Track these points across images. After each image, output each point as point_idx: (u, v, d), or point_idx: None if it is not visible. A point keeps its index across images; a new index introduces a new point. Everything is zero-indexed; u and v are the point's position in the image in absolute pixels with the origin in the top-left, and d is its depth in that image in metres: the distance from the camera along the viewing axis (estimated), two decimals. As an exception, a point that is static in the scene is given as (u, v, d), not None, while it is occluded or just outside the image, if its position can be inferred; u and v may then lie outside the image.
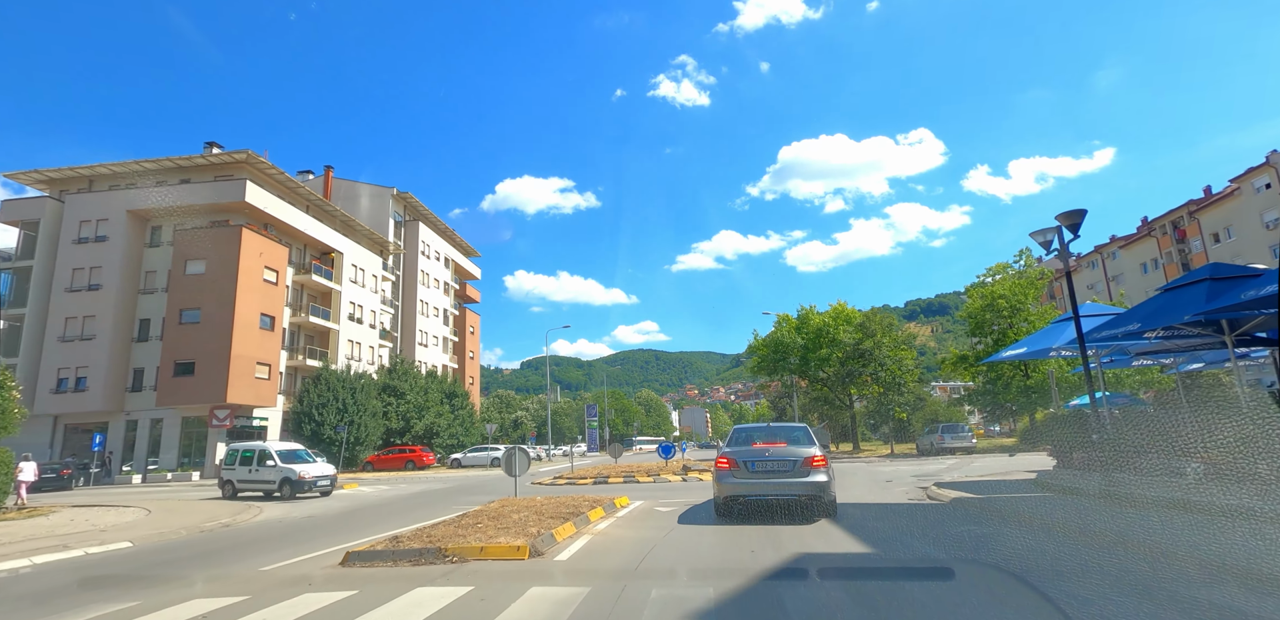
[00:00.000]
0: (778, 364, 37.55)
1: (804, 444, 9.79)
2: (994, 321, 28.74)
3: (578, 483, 18.84)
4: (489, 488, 20.58)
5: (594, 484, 18.50)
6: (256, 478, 18.55)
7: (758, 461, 9.42)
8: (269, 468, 18.36)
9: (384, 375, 40.40)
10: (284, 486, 18.09)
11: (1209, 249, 56.89)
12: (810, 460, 9.31)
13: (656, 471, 19.64)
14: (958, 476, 16.16)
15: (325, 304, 43.25)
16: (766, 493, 9.50)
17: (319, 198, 43.72)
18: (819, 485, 9.19)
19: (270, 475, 18.27)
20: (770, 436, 10.30)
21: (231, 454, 19.42)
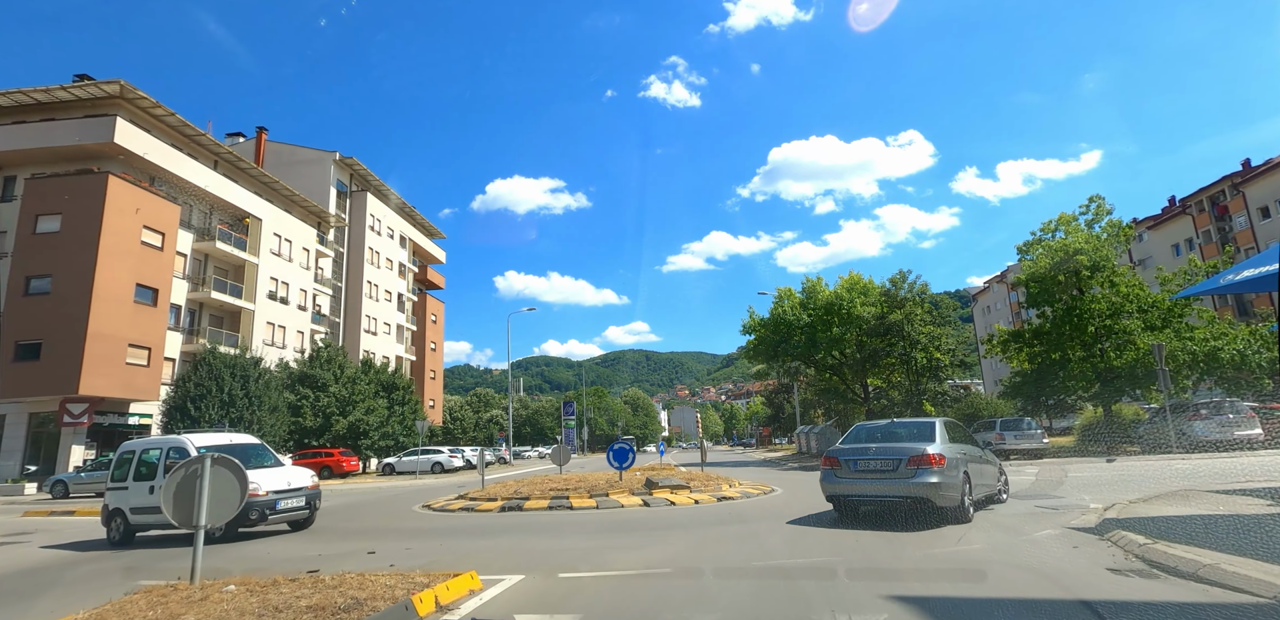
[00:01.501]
0: (778, 347, 30.73)
1: (919, 440, 8.80)
2: (1068, 286, 21.95)
3: (478, 508, 11.95)
4: (357, 514, 13.75)
5: (500, 511, 11.64)
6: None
7: (859, 460, 8.89)
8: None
9: (303, 363, 33.36)
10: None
11: (1256, 225, 50.78)
12: (918, 459, 8.38)
13: (604, 489, 12.80)
14: (1137, 501, 9.30)
15: (237, 279, 36.12)
16: (864, 494, 8.88)
17: (231, 152, 36.59)
18: (928, 487, 8.18)
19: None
20: (889, 433, 9.56)
21: (122, 461, 11.19)
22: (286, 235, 40.06)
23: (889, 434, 9.42)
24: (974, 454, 9.43)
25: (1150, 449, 19.85)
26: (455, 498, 13.81)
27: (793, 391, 45.53)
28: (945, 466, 8.27)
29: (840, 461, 9.03)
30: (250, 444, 11.63)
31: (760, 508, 11.34)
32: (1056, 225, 23.98)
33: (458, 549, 8.31)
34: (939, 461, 8.26)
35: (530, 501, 11.94)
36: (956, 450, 8.80)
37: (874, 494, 8.70)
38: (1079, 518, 8.46)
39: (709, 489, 13.31)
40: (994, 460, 10.43)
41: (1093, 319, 21.78)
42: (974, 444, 9.96)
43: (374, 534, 10.49)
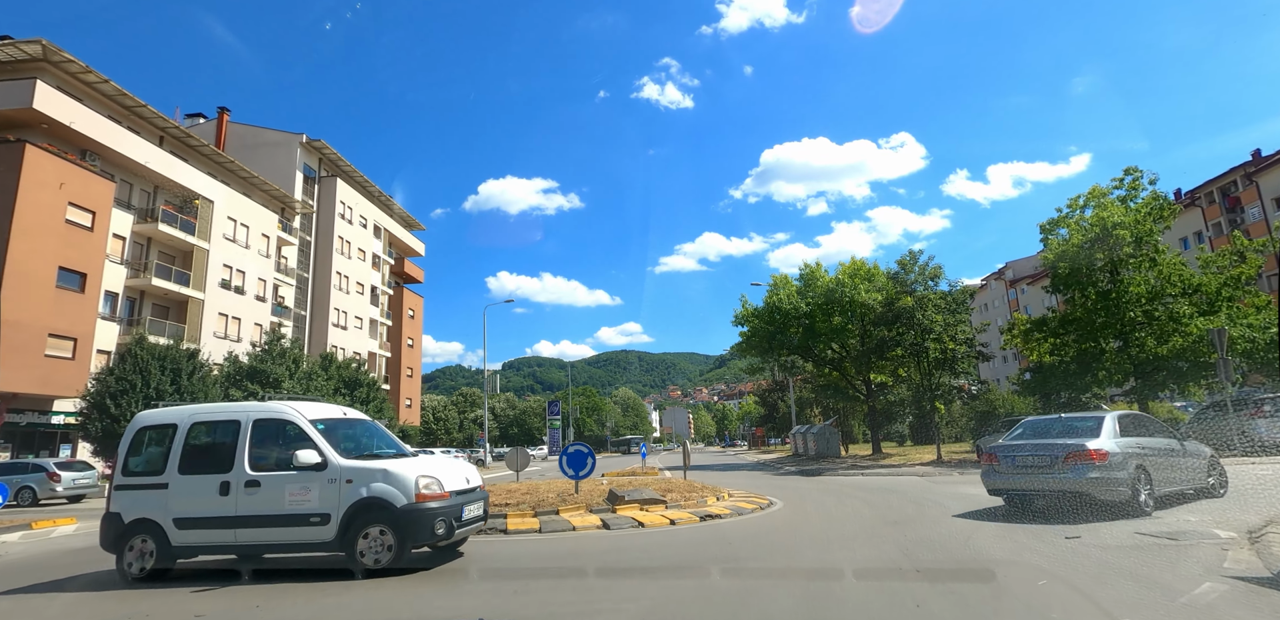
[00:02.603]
0: (773, 339, 27.98)
1: (1081, 436, 8.66)
2: (1106, 266, 19.13)
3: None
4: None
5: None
6: (252, 512, 6.79)
7: (1016, 456, 8.86)
8: (311, 475, 6.66)
9: (253, 357, 30.36)
10: (366, 534, 6.51)
11: (1270, 216, 48.58)
12: (1075, 455, 8.27)
13: (555, 504, 9.97)
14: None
15: (185, 265, 33.12)
16: (1022, 488, 8.87)
17: (178, 128, 33.58)
18: (1086, 482, 8.12)
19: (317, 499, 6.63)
20: (1052, 428, 9.37)
21: (149, 440, 7.35)
22: (244, 220, 37.04)
23: (1052, 430, 9.37)
24: (1159, 448, 9.01)
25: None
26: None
27: (788, 389, 42.85)
28: (1108, 463, 8.16)
29: (998, 457, 9.13)
30: (371, 423, 8.03)
31: (756, 533, 8.60)
32: (1087, 200, 21.31)
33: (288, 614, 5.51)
34: (1100, 457, 8.18)
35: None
36: (1129, 444, 8.53)
37: (1031, 488, 8.77)
38: (1226, 556, 5.75)
39: (690, 502, 10.58)
40: (1199, 452, 9.69)
41: (1132, 303, 19.14)
42: (1168, 437, 9.51)
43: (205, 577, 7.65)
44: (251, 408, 7.20)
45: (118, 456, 7.24)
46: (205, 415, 7.32)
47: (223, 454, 6.87)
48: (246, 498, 6.60)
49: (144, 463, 7.24)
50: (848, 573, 5.90)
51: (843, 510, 10.67)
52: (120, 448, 7.29)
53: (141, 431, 7.31)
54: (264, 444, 6.89)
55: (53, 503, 19.13)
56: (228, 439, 6.95)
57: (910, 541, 7.29)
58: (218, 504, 6.63)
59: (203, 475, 6.84)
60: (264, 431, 6.94)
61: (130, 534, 6.82)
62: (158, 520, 6.74)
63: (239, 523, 6.61)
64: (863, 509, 10.60)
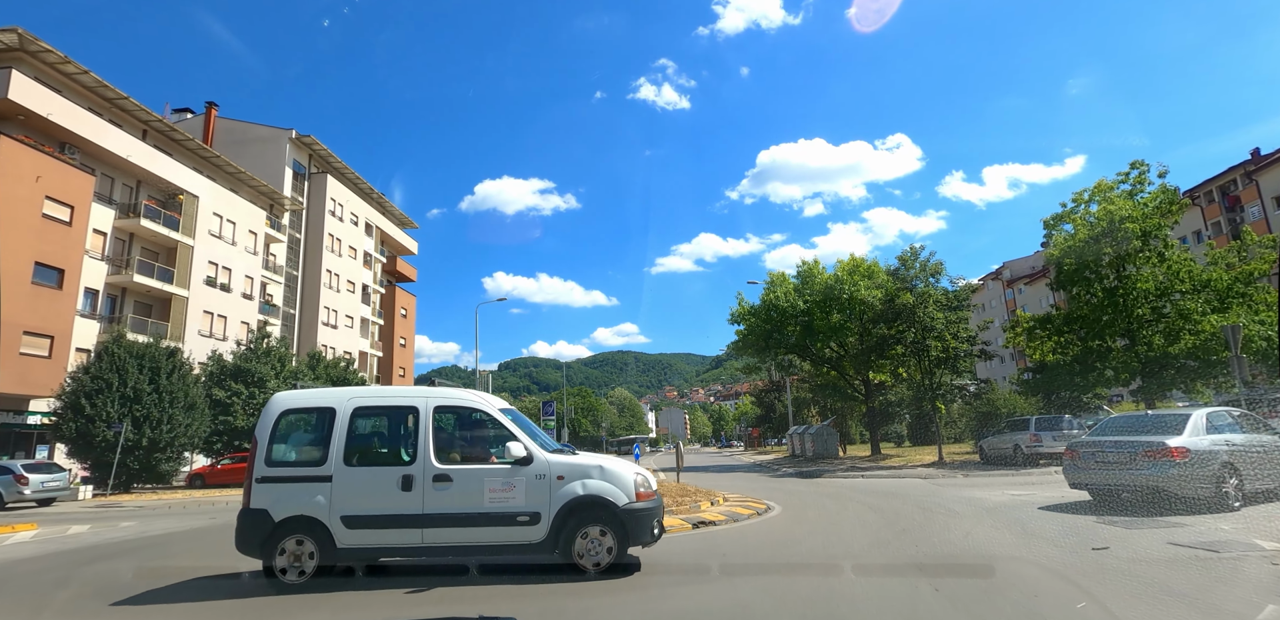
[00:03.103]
0: (770, 338, 27.36)
1: (1164, 433, 8.80)
2: (1114, 261, 18.53)
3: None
4: (185, 547, 10.27)
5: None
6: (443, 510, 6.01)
7: (1097, 452, 9.15)
8: (516, 470, 6.09)
9: (238, 356, 29.62)
10: (585, 534, 6.03)
11: (1270, 215, 48.23)
12: (1154, 451, 8.48)
13: None
14: None
15: (169, 262, 32.35)
16: (1102, 483, 9.17)
17: (162, 121, 32.81)
18: (1165, 479, 8.29)
19: (523, 496, 6.06)
20: (1137, 425, 9.63)
21: (302, 425, 6.62)
22: (230, 216, 36.27)
23: (1137, 426, 9.51)
24: (1254, 444, 8.98)
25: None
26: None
27: (785, 389, 42.25)
28: (1188, 460, 8.23)
29: (1079, 453, 9.38)
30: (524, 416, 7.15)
31: (754, 544, 7.98)
32: (1092, 195, 20.75)
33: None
34: (1180, 454, 8.27)
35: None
36: (1216, 442, 8.60)
37: (1112, 483, 8.95)
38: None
39: (683, 508, 9.93)
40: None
41: (1139, 300, 18.56)
42: (1271, 434, 9.58)
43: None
44: (429, 393, 6.45)
45: (256, 444, 6.16)
46: (371, 399, 6.48)
47: (399, 444, 6.23)
48: (435, 494, 5.89)
49: (294, 452, 6.35)
50: (859, 596, 5.26)
51: (845, 516, 10.04)
52: (258, 433, 6.18)
53: (285, 415, 6.28)
54: (448, 434, 6.27)
55: (20, 507, 18.39)
56: (403, 427, 6.28)
57: (924, 554, 6.67)
58: (399, 501, 5.87)
59: (377, 467, 6.09)
60: (447, 420, 6.35)
61: (282, 534, 5.83)
62: (320, 518, 5.81)
63: (427, 522, 5.86)
64: (866, 515, 9.97)
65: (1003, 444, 18.75)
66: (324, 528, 5.82)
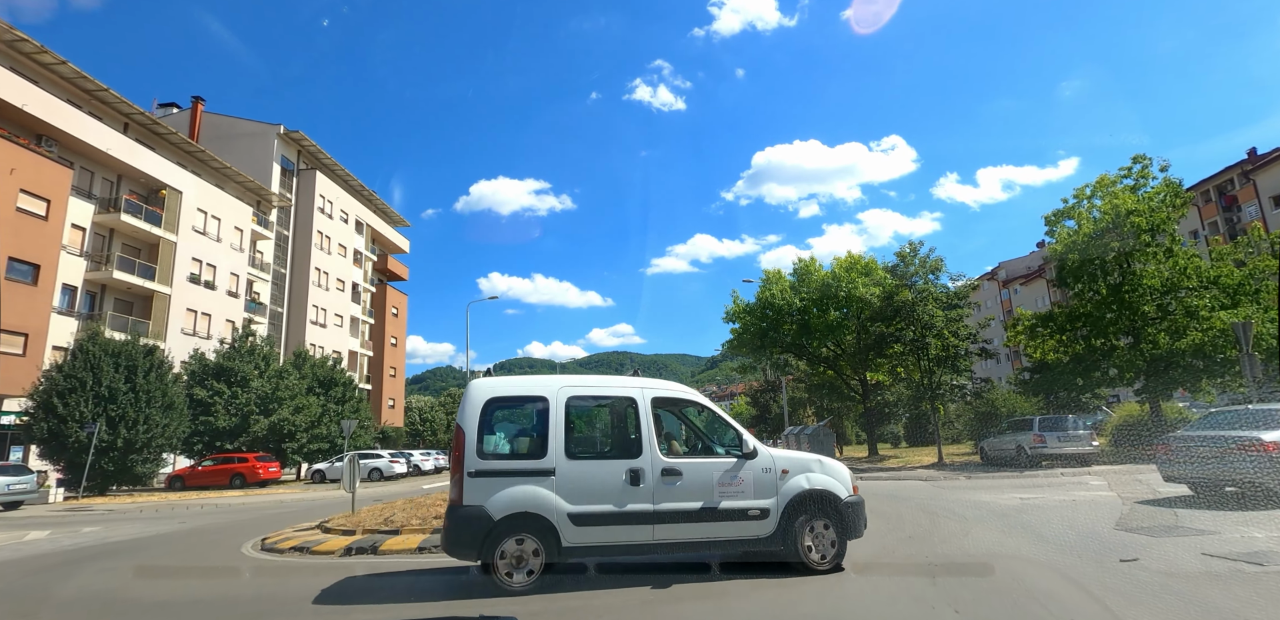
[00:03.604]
0: (766, 336, 26.78)
1: (1260, 428, 8.65)
2: (1120, 257, 18.01)
3: (316, 550, 7.63)
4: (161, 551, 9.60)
5: (344, 555, 7.32)
6: (675, 505, 5.81)
7: (1190, 447, 9.19)
8: (742, 464, 6.00)
9: (220, 355, 28.89)
10: (811, 529, 6.01)
11: (1268, 215, 48.03)
12: (1248, 446, 8.39)
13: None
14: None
15: (151, 258, 31.58)
16: (1194, 477, 9.17)
17: (144, 114, 32.04)
18: (1261, 472, 8.11)
19: (752, 490, 5.99)
20: (1233, 420, 9.58)
21: (513, 417, 6.40)
22: (215, 212, 35.51)
23: (1236, 421, 9.47)
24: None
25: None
26: (313, 525, 9.63)
27: (780, 389, 41.70)
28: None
29: (1172, 448, 9.41)
30: None
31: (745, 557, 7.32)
32: (1094, 190, 20.25)
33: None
34: (1275, 448, 8.21)
35: (397, 538, 7.86)
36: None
37: (1206, 477, 8.94)
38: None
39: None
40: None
41: (1145, 297, 18.06)
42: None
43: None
44: (642, 383, 6.15)
45: (464, 435, 5.58)
46: (585, 389, 6.06)
47: (621, 436, 5.90)
48: (665, 488, 5.62)
49: (508, 444, 5.94)
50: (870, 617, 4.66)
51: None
52: (464, 424, 5.62)
53: (491, 405, 5.75)
54: (667, 426, 6.06)
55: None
56: (622, 418, 5.95)
57: (936, 566, 6.08)
58: (628, 496, 5.55)
59: (602, 461, 5.76)
60: (664, 411, 6.10)
61: (502, 533, 5.33)
62: (545, 515, 5.39)
63: (657, 517, 5.56)
64: (870, 520, 9.38)
65: (1004, 445, 18.20)
66: (550, 525, 5.37)
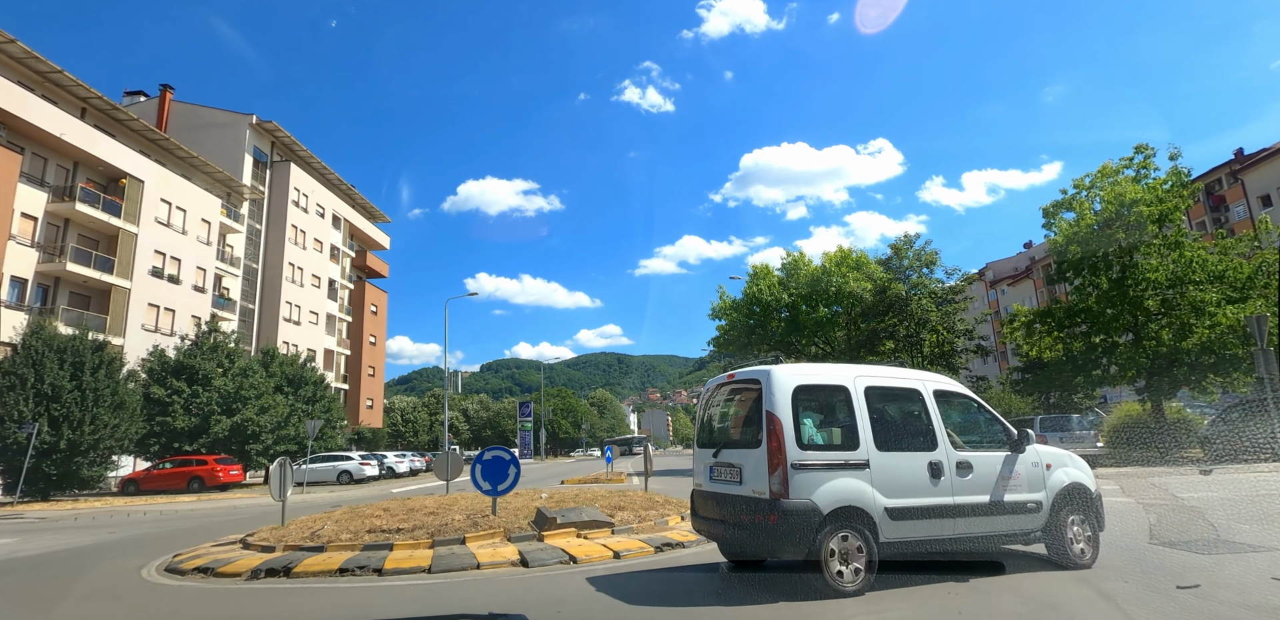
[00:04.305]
0: (753, 334, 25.75)
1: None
2: (1125, 248, 17.12)
3: (220, 571, 6.43)
4: (53, 573, 8.33)
5: (249, 579, 6.13)
6: (968, 498, 5.79)
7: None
8: (1013, 457, 6.10)
9: (181, 352, 27.42)
10: (1072, 523, 6.10)
11: (1255, 214, 47.76)
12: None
13: (464, 528, 7.42)
14: None
15: (109, 250, 30.02)
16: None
17: (103, 99, 30.49)
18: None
19: (1026, 483, 6.10)
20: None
21: (813, 408, 5.96)
22: (180, 203, 33.95)
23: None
24: None
25: (1226, 457, 15.33)
26: (237, 539, 8.41)
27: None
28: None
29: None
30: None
31: (729, 577, 6.23)
32: (1094, 180, 19.38)
33: None
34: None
35: (319, 557, 6.69)
36: None
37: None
38: None
39: (646, 524, 8.21)
40: None
41: (1149, 291, 17.20)
42: None
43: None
44: (922, 376, 6.17)
45: (778, 424, 5.20)
46: (878, 379, 5.89)
47: (914, 427, 5.79)
48: (960, 481, 5.59)
49: (819, 434, 5.61)
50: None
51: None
52: (778, 412, 5.24)
53: (798, 392, 5.41)
54: (947, 418, 5.89)
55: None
56: (912, 409, 5.88)
57: (952, 590, 5.00)
58: (931, 489, 5.47)
59: (906, 453, 5.57)
60: (944, 403, 5.95)
61: (831, 529, 5.04)
62: (867, 509, 5.17)
63: (958, 511, 5.52)
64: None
65: (1004, 446, 17.22)
66: (870, 520, 5.19)
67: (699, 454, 6.13)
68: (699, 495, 6.02)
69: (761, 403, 5.32)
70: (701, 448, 6.15)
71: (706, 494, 5.86)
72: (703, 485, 5.97)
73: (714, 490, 5.72)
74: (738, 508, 5.31)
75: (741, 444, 5.62)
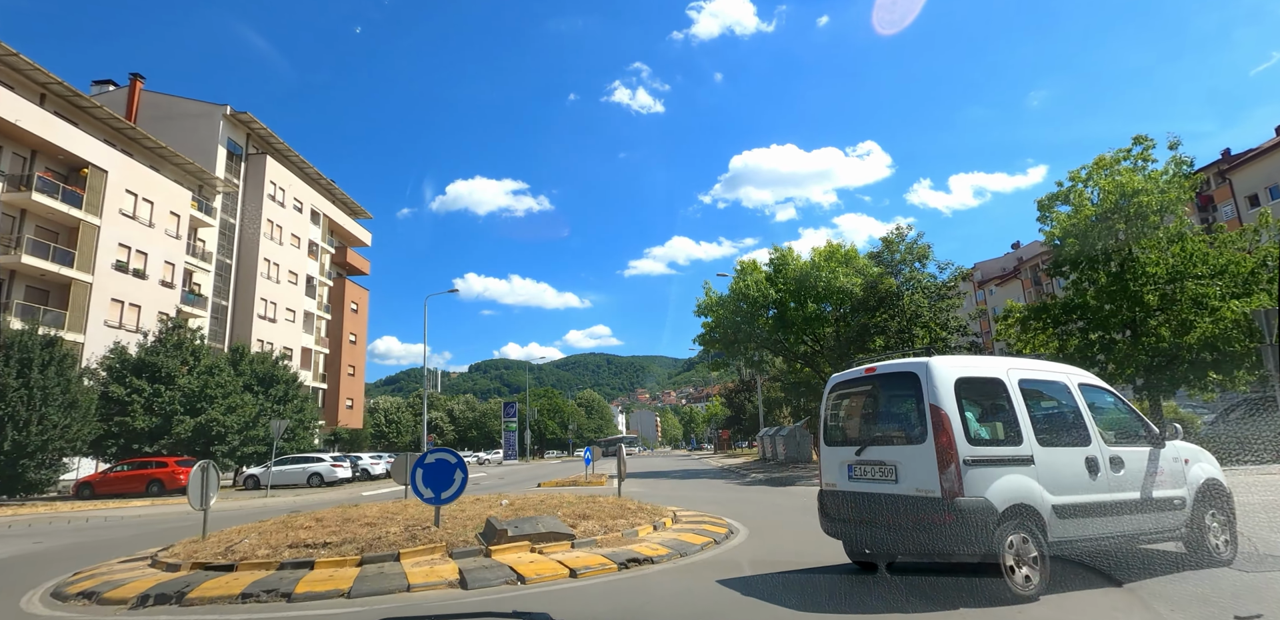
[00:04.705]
0: (739, 331, 24.91)
1: None
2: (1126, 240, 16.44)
3: (105, 596, 5.56)
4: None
5: (134, 608, 5.25)
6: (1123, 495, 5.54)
7: None
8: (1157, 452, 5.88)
9: (143, 349, 26.21)
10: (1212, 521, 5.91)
11: (1243, 215, 47.63)
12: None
13: (401, 541, 6.35)
14: None
15: (69, 243, 28.73)
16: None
17: (63, 84, 29.21)
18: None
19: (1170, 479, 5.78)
20: None
21: (974, 402, 5.48)
22: (147, 195, 32.66)
23: None
24: None
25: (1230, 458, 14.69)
26: (150, 554, 7.41)
27: (755, 388, 39.97)
28: None
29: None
30: None
31: (705, 602, 5.34)
32: (1091, 171, 18.70)
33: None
34: None
35: (223, 578, 5.74)
36: None
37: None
38: None
39: (613, 535, 7.31)
40: None
41: (1148, 285, 16.52)
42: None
43: None
44: (1066, 369, 5.90)
45: (949, 418, 4.89)
46: (1027, 371, 5.61)
47: (1066, 422, 5.55)
48: (1114, 478, 5.39)
49: (984, 428, 5.29)
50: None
51: (832, 545, 7.53)
52: (943, 404, 4.97)
53: (959, 385, 5.12)
54: (1094, 412, 5.62)
55: None
56: (1062, 403, 5.64)
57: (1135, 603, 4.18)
58: (1090, 485, 5.25)
59: (1065, 448, 5.31)
60: (1088, 397, 5.68)
61: (1007, 529, 4.74)
62: (1038, 508, 4.90)
63: (1116, 508, 5.32)
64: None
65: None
66: (1040, 519, 4.92)
67: (830, 452, 5.82)
68: (832, 495, 5.68)
69: (919, 396, 5.04)
70: (833, 446, 5.85)
71: (844, 494, 5.54)
72: (837, 485, 5.64)
73: (856, 490, 5.40)
74: (894, 508, 4.98)
75: (895, 440, 5.31)
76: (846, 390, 6.05)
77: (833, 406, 6.14)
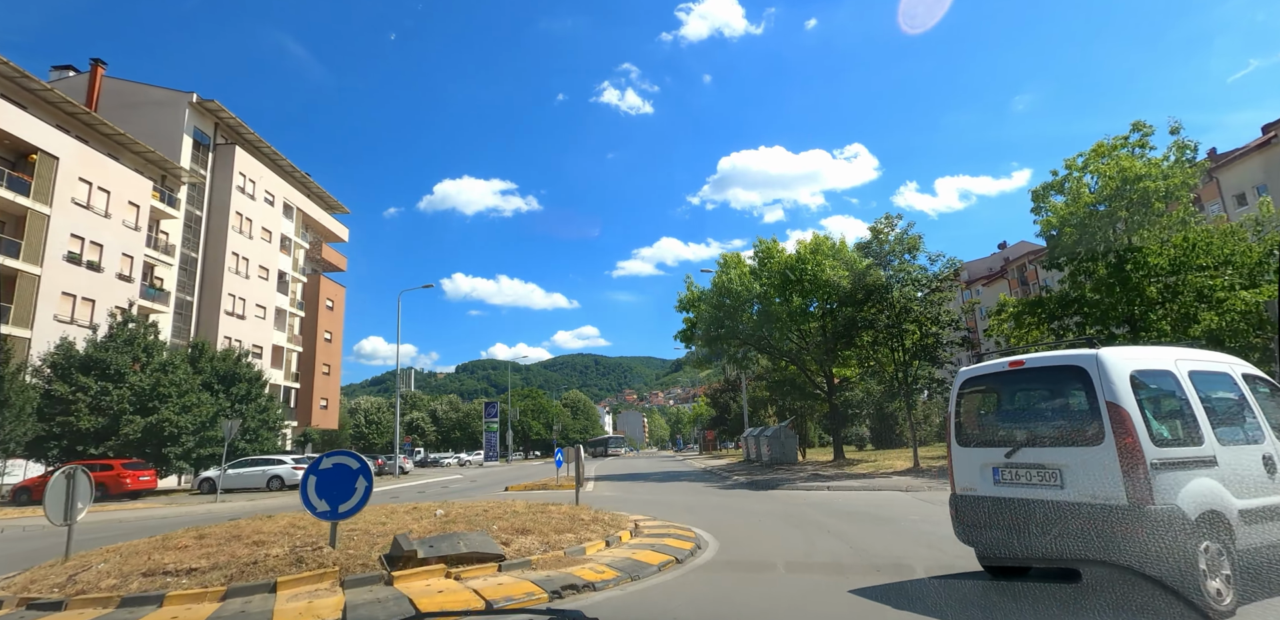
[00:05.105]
0: (723, 327, 23.82)
1: None
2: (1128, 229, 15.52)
3: None
4: None
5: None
6: None
7: None
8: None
9: (93, 345, 24.69)
10: None
11: (1231, 213, 47.28)
12: None
13: (285, 564, 5.21)
14: None
15: (15, 233, 27.14)
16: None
17: (9, 64, 27.60)
18: None
19: None
20: None
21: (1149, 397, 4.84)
22: (103, 184, 31.07)
23: None
24: None
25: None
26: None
27: (740, 388, 38.93)
28: None
29: None
30: None
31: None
32: (1088, 159, 17.78)
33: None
34: None
35: (53, 617, 4.54)
36: None
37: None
38: None
39: (554, 552, 6.15)
40: None
41: (1150, 277, 15.62)
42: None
43: None
44: (1229, 359, 5.41)
45: (1131, 417, 4.38)
46: (1195, 362, 5.12)
47: (1238, 417, 5.03)
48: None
49: (1164, 427, 4.71)
50: None
51: (817, 561, 6.40)
52: (1121, 402, 4.43)
53: (1135, 379, 4.60)
54: (1265, 405, 5.16)
55: None
56: (1230, 396, 5.11)
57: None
58: (1269, 487, 4.75)
59: (1242, 446, 4.82)
60: (1253, 389, 5.22)
61: (1199, 537, 4.21)
62: (1226, 514, 4.40)
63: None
64: (849, 558, 6.39)
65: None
66: (1229, 526, 4.44)
67: (966, 454, 5.27)
68: (973, 501, 5.10)
69: (1090, 392, 4.54)
70: (968, 447, 5.28)
71: (988, 499, 4.98)
72: (977, 489, 5.10)
73: (1006, 495, 4.85)
74: (1061, 516, 4.46)
75: (1058, 441, 4.73)
76: (985, 386, 5.48)
77: (966, 403, 5.52)
